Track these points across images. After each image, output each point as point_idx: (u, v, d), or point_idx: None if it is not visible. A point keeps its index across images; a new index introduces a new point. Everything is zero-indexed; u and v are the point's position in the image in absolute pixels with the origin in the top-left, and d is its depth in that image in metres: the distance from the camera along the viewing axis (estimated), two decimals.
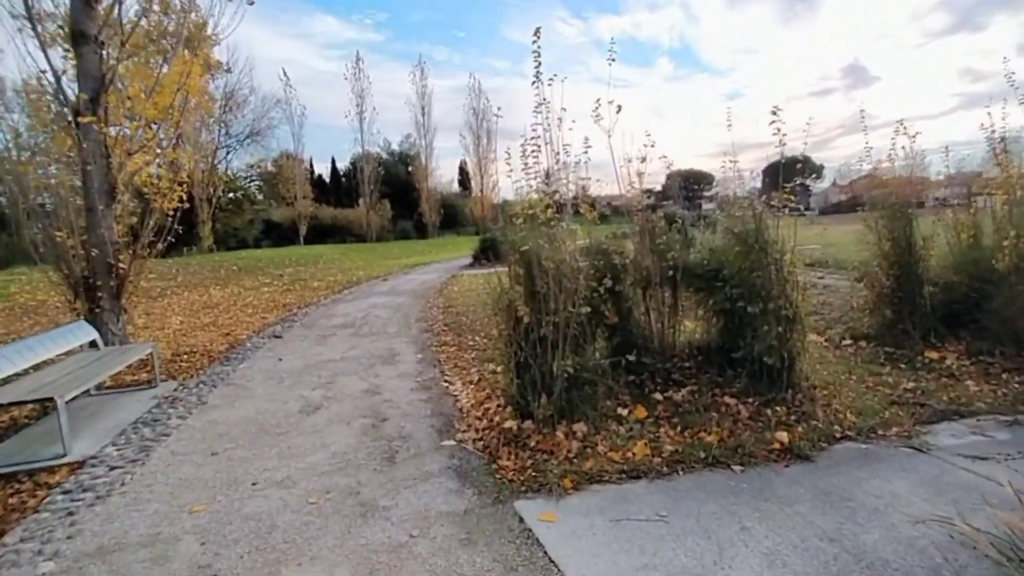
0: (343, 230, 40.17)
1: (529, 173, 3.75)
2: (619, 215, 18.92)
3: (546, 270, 3.41)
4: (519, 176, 3.78)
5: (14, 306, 9.72)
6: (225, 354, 6.49)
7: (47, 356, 4.27)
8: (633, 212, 4.77)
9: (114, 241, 6.24)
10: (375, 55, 75.04)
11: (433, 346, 6.47)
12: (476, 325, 7.56)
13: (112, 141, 6.28)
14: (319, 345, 6.78)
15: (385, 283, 14.69)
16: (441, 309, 9.32)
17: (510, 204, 22.76)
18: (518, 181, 3.81)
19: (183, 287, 13.65)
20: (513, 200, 4.04)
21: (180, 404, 4.55)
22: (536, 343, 3.37)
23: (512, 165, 3.85)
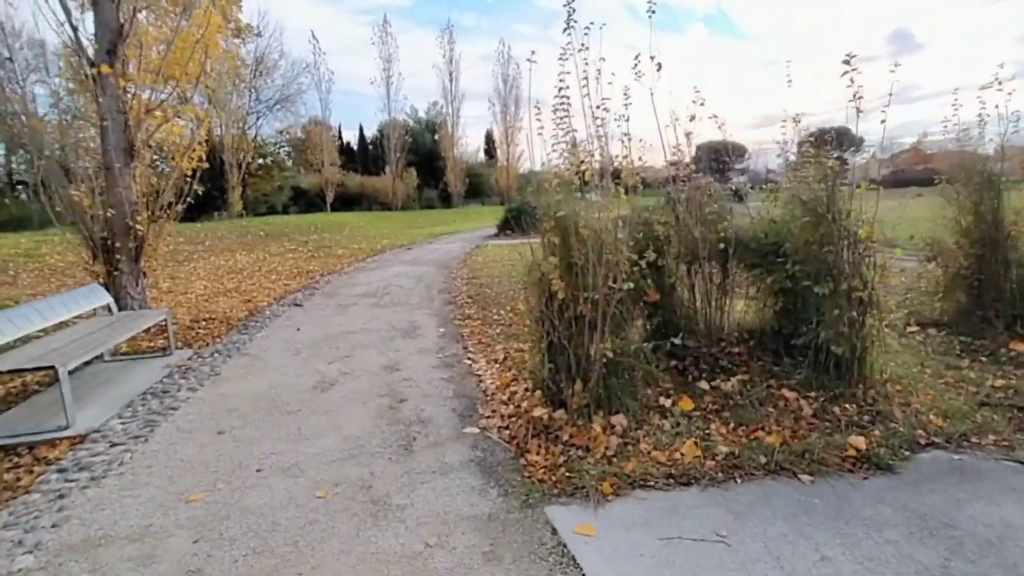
0: (369, 198, 40.04)
1: (561, 130, 3.27)
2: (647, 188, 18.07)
3: (584, 240, 2.99)
4: (551, 136, 3.30)
5: (44, 267, 9.78)
6: (244, 322, 6.31)
7: (56, 320, 4.09)
8: (680, 178, 4.27)
9: (132, 202, 6.03)
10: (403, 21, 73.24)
11: (456, 319, 6.14)
12: (501, 298, 7.20)
13: (130, 97, 6.01)
14: (339, 315, 6.54)
15: (409, 252, 14.43)
16: (465, 280, 8.98)
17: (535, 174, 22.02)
18: (556, 141, 3.33)
19: (210, 251, 13.65)
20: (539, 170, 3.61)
21: (192, 375, 4.35)
22: (572, 322, 2.98)
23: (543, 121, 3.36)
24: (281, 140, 39.98)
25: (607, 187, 3.14)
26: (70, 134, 6.45)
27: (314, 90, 37.56)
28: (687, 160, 4.35)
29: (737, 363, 3.68)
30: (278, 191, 37.73)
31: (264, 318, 6.45)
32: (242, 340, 5.43)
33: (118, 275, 6.03)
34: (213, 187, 33.64)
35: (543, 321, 3.14)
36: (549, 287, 3.03)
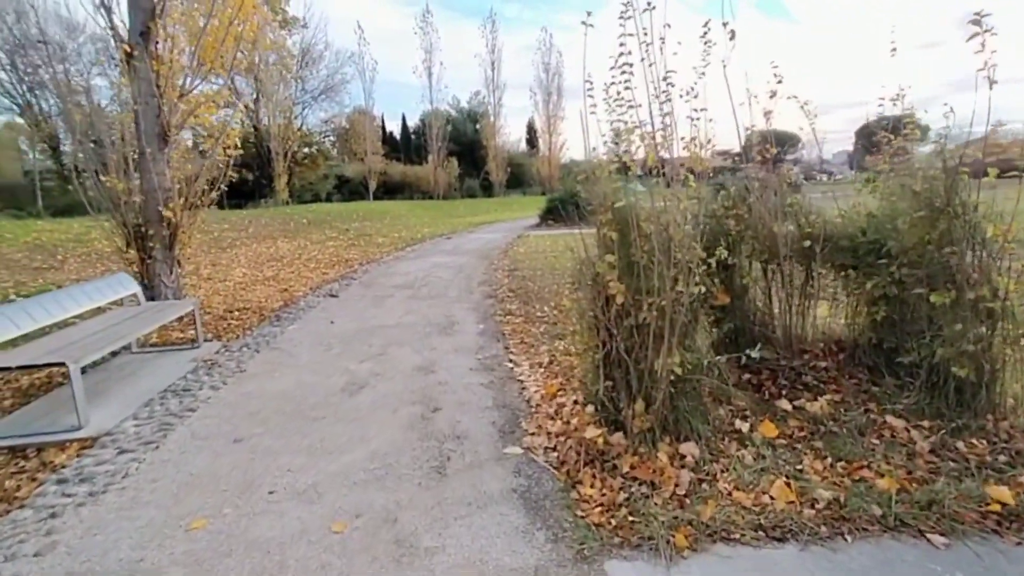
0: (411, 187, 40.23)
1: (620, 107, 2.77)
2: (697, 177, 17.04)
3: (647, 235, 2.50)
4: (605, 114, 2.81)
5: (91, 252, 10.00)
6: (277, 313, 6.12)
7: (77, 312, 3.93)
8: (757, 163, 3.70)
9: (166, 188, 5.91)
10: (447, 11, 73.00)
11: (496, 315, 5.75)
12: (544, 292, 6.75)
13: (164, 80, 5.86)
14: (375, 307, 6.26)
15: (449, 241, 14.16)
16: (506, 272, 8.58)
17: (577, 163, 21.24)
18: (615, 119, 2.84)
19: (253, 238, 13.78)
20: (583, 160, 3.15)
21: (217, 370, 4.13)
22: (633, 331, 2.51)
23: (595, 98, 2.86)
24: (326, 130, 40.61)
25: (676, 174, 2.62)
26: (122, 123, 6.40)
27: (358, 80, 37.91)
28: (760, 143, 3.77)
29: (824, 379, 3.12)
30: (323, 180, 38.40)
31: (298, 309, 6.24)
32: (273, 333, 5.21)
33: (151, 263, 5.94)
34: (261, 175, 34.71)
35: (597, 328, 2.68)
36: (605, 289, 2.57)
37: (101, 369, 4.27)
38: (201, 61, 6.16)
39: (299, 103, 36.00)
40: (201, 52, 6.14)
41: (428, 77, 39.17)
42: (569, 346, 4.41)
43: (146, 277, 5.97)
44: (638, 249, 2.48)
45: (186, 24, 6.02)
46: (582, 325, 2.94)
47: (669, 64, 2.67)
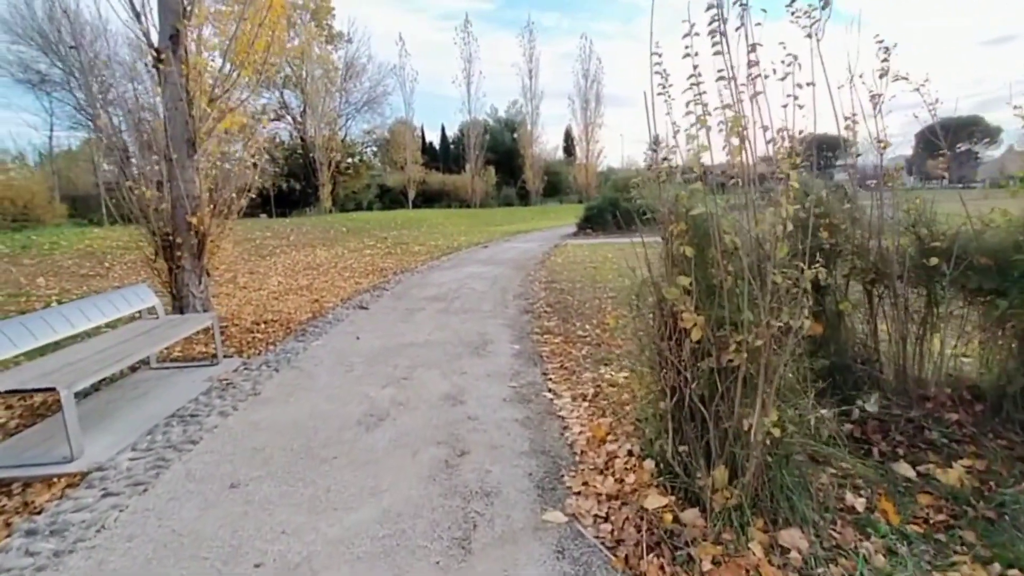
0: (449, 195, 40.40)
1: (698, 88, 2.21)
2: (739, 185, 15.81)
3: (733, 253, 1.94)
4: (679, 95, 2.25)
5: (137, 259, 10.09)
6: (304, 326, 5.80)
7: (87, 327, 3.66)
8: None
9: (195, 196, 5.72)
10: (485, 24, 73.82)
11: (533, 333, 5.23)
12: (585, 308, 6.19)
13: (194, 85, 5.69)
14: (404, 322, 5.86)
15: (485, 251, 13.76)
16: (543, 284, 8.06)
17: (614, 172, 20.52)
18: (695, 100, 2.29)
19: (293, 246, 13.80)
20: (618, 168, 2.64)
21: (231, 393, 3.78)
22: (714, 376, 1.95)
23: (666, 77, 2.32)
24: (368, 140, 41.35)
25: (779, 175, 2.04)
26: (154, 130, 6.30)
27: (399, 91, 38.42)
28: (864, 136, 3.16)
29: (957, 438, 2.44)
30: (365, 189, 39.08)
31: (325, 322, 5.91)
32: (296, 349, 4.86)
33: (179, 272, 5.74)
34: (307, 185, 35.64)
35: (663, 367, 2.13)
36: (676, 320, 2.02)
37: (116, 387, 4.01)
38: (233, 64, 5.97)
39: (343, 115, 36.81)
40: (231, 55, 5.96)
41: (467, 87, 39.36)
42: (616, 374, 3.85)
43: (174, 287, 5.79)
44: (721, 269, 1.92)
45: (215, 26, 5.83)
46: (642, 359, 2.38)
47: None
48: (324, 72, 31.78)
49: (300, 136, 34.73)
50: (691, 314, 1.85)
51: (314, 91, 31.32)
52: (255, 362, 4.53)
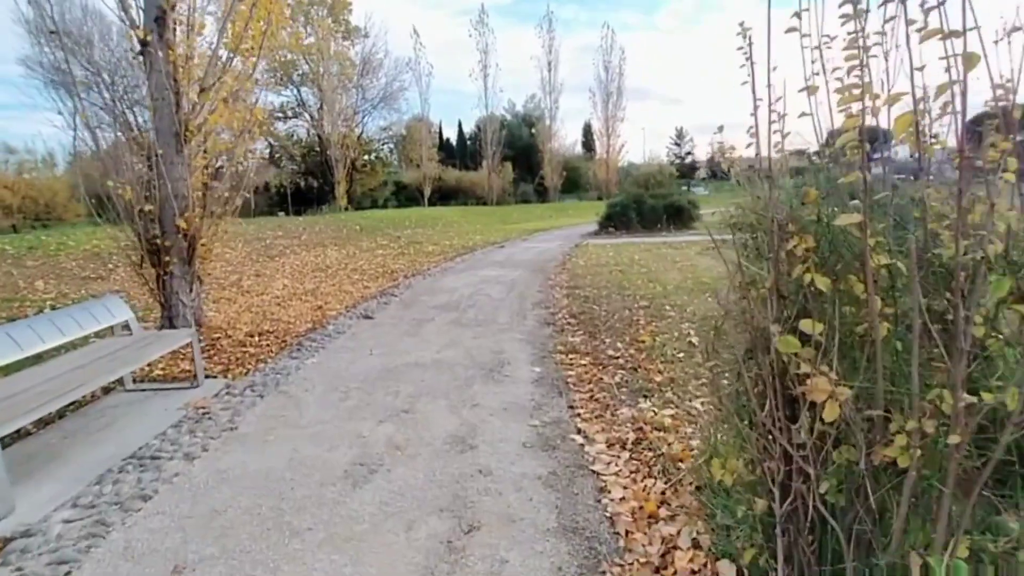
0: (466, 192, 39.89)
1: None
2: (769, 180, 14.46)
3: (892, 287, 1.28)
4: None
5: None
6: (302, 338, 5.26)
7: (42, 348, 3.14)
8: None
9: (184, 196, 5.21)
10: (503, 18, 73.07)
11: (556, 352, 4.60)
12: (615, 320, 5.53)
13: (182, 74, 5.17)
14: (411, 335, 5.27)
15: (501, 251, 13.14)
16: (565, 290, 7.41)
17: (636, 167, 19.27)
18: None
19: (304, 246, 13.37)
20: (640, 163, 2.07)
21: (203, 427, 3.23)
22: (861, 481, 1.29)
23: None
24: (384, 137, 41.02)
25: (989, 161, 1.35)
26: None
27: (415, 86, 37.89)
28: None
29: None
30: (382, 186, 38.79)
31: (325, 335, 5.35)
32: (288, 368, 4.31)
33: (168, 280, 5.25)
34: (324, 182, 35.47)
35: (767, 446, 1.47)
36: (786, 381, 1.36)
37: (82, 414, 3.50)
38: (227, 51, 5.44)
39: (359, 111, 36.50)
40: (225, 40, 5.42)
41: (484, 80, 38.70)
42: (660, 411, 3.20)
43: (162, 296, 5.30)
44: (872, 312, 1.26)
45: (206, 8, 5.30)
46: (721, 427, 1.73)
47: None
48: (341, 68, 31.44)
49: (317, 134, 34.55)
50: (823, 381, 1.18)
51: (330, 88, 31.02)
52: (240, 384, 3.98)
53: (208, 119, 5.30)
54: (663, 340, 4.69)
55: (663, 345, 4.54)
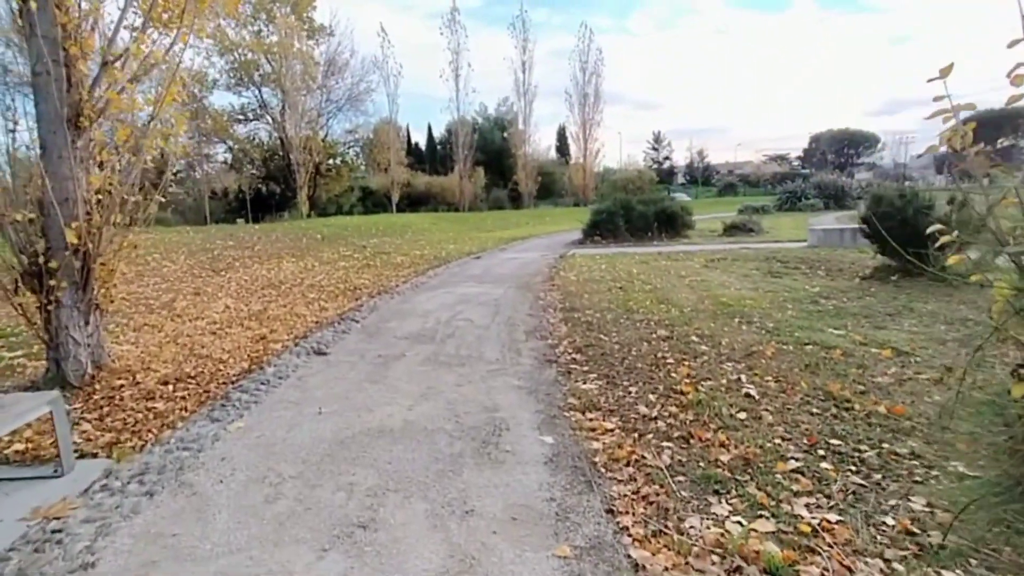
0: (436, 198, 38.62)
1: None
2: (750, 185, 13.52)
3: None
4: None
5: None
6: (231, 387, 4.04)
7: None
8: None
9: (75, 200, 3.95)
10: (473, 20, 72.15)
11: (569, 408, 3.54)
12: (632, 356, 4.51)
13: (75, 42, 3.91)
14: (374, 381, 4.12)
15: (478, 263, 12.04)
16: (561, 313, 6.37)
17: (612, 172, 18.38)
18: None
19: (256, 258, 11.96)
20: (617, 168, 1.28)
21: (39, 566, 2.02)
22: None
23: None
24: (350, 140, 39.35)
25: None
26: None
27: (383, 88, 36.45)
28: None
29: None
30: (348, 192, 37.08)
31: (262, 380, 4.14)
32: (202, 439, 3.10)
33: (55, 309, 3.96)
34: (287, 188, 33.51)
35: None
36: None
37: None
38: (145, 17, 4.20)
39: (324, 113, 34.82)
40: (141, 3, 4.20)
41: (455, 80, 37.62)
42: (757, 527, 2.16)
43: (47, 331, 4.01)
44: None
45: None
46: None
47: None
48: (304, 68, 29.78)
49: (280, 137, 32.65)
50: None
51: (293, 88, 29.31)
52: (127, 470, 2.76)
53: (112, 102, 4.04)
54: (710, 391, 3.68)
55: (712, 399, 3.52)
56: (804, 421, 3.18)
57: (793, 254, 10.86)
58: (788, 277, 8.34)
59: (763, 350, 4.56)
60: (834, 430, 3.04)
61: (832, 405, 3.39)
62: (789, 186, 33.48)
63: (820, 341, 4.72)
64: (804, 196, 30.72)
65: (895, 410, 3.23)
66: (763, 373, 4.02)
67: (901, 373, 3.89)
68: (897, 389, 3.60)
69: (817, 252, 11.10)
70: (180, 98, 4.43)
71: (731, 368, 4.14)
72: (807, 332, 5.05)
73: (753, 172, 62.91)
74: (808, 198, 30.47)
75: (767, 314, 5.86)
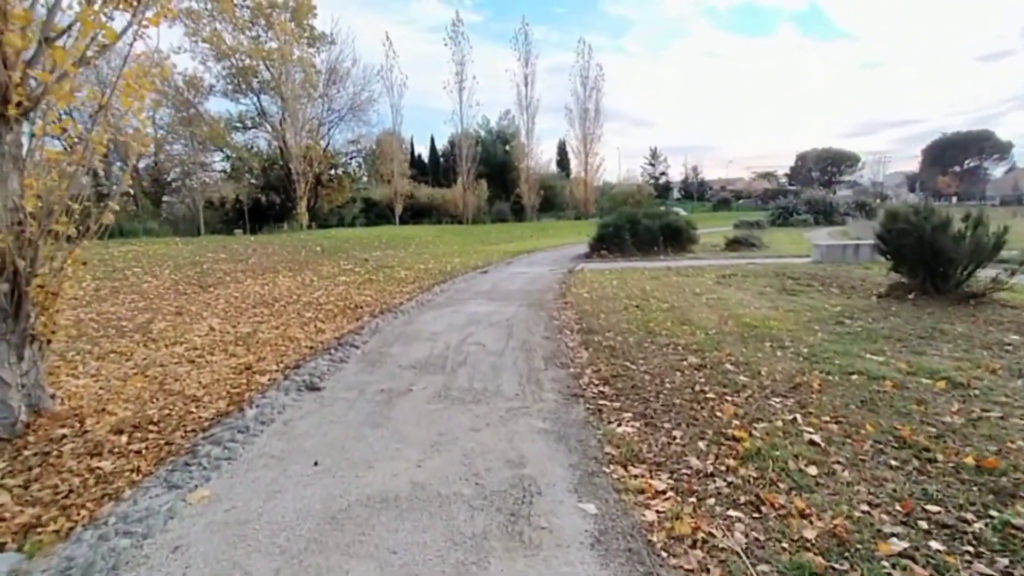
0: (438, 210, 38.16)
1: None
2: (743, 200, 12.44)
3: None
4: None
5: None
6: (202, 435, 3.38)
7: None
8: None
9: (12, 207, 3.33)
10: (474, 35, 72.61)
11: (607, 458, 2.89)
12: (666, 388, 3.86)
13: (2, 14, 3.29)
14: (376, 425, 3.47)
15: (485, 277, 11.42)
16: (579, 335, 5.73)
17: (611, 186, 17.54)
18: None
19: (250, 272, 11.35)
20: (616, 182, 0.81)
21: None
22: None
23: None
24: (352, 151, 38.96)
25: None
26: None
27: (386, 97, 36.13)
28: None
29: None
30: (350, 203, 36.61)
31: (241, 427, 3.47)
32: (153, 515, 2.44)
33: None
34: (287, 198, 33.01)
35: None
36: None
37: None
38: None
39: (325, 123, 34.44)
40: None
41: (459, 92, 37.31)
42: None
43: None
44: None
45: None
46: None
47: None
48: (305, 76, 29.42)
49: (279, 146, 32.23)
50: None
51: (293, 96, 28.92)
52: (38, 573, 2.10)
53: (54, 88, 3.42)
54: (766, 436, 3.04)
55: (773, 447, 2.89)
56: (887, 478, 2.62)
57: (801, 270, 10.53)
58: (804, 295, 7.90)
59: (808, 381, 4.01)
60: (926, 491, 2.50)
61: (911, 455, 2.85)
62: (781, 202, 34.27)
63: (864, 370, 4.21)
64: (796, 211, 31.27)
65: (987, 463, 2.70)
66: (818, 411, 3.45)
67: (967, 410, 3.42)
68: (972, 432, 3.09)
69: (824, 268, 10.89)
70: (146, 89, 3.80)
71: (780, 405, 3.57)
72: (846, 359, 4.54)
73: (744, 188, 63.88)
74: (799, 213, 31.06)
75: (797, 337, 5.32)
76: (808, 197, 33.75)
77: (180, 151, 33.40)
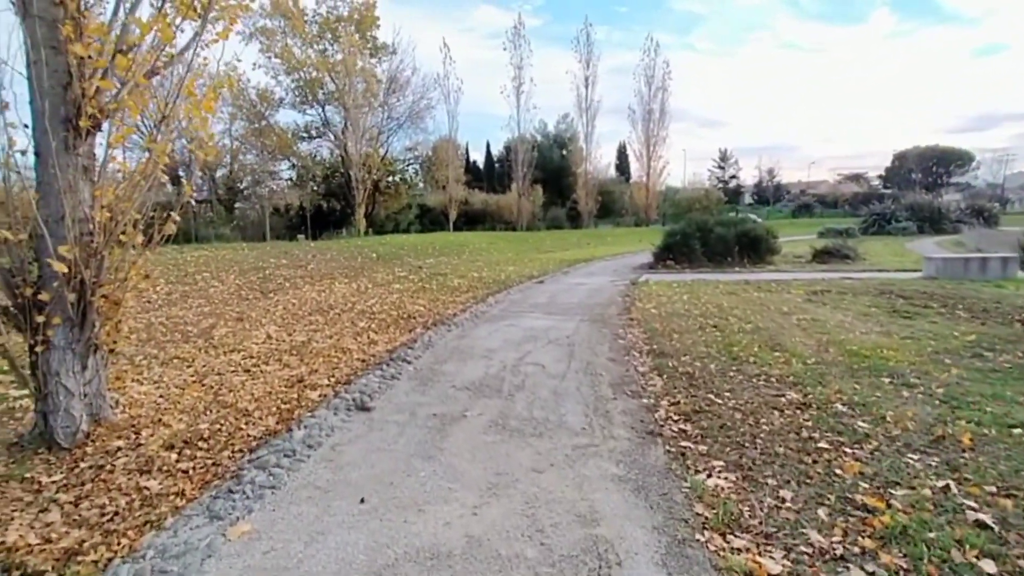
0: (493, 216, 38.19)
1: None
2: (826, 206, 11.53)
3: None
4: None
5: None
6: (246, 459, 3.18)
7: None
8: None
9: (80, 219, 3.28)
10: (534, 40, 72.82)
11: (702, 528, 2.41)
12: (768, 435, 3.31)
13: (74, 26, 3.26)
14: (428, 457, 3.15)
15: (541, 288, 11.03)
16: (650, 359, 5.22)
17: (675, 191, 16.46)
18: None
19: (308, 278, 11.52)
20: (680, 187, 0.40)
21: None
22: None
23: None
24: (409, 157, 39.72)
25: None
26: None
27: (442, 105, 36.57)
28: None
29: None
30: (406, 209, 37.32)
31: (288, 450, 3.25)
32: (188, 557, 2.21)
33: (43, 353, 3.28)
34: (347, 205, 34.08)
35: None
36: None
37: None
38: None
39: (384, 131, 35.30)
40: None
41: (516, 96, 37.12)
42: None
43: (35, 380, 3.32)
44: None
45: None
46: None
47: None
48: (367, 86, 30.28)
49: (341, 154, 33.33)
50: None
51: (355, 106, 29.82)
52: None
53: (125, 100, 3.36)
54: (910, 508, 2.44)
55: (924, 527, 2.30)
56: None
57: (912, 287, 9.18)
58: (922, 319, 6.78)
59: (953, 434, 3.27)
60: None
61: None
62: (876, 207, 30.71)
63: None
64: (894, 218, 28.07)
65: None
66: (977, 477, 2.76)
67: None
68: None
69: (942, 285, 9.39)
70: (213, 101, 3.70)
71: (921, 464, 2.89)
72: (1000, 405, 3.71)
73: (829, 192, 58.77)
74: (899, 220, 27.87)
75: (923, 372, 4.51)
76: (911, 202, 30.20)
77: (252, 160, 35.40)
